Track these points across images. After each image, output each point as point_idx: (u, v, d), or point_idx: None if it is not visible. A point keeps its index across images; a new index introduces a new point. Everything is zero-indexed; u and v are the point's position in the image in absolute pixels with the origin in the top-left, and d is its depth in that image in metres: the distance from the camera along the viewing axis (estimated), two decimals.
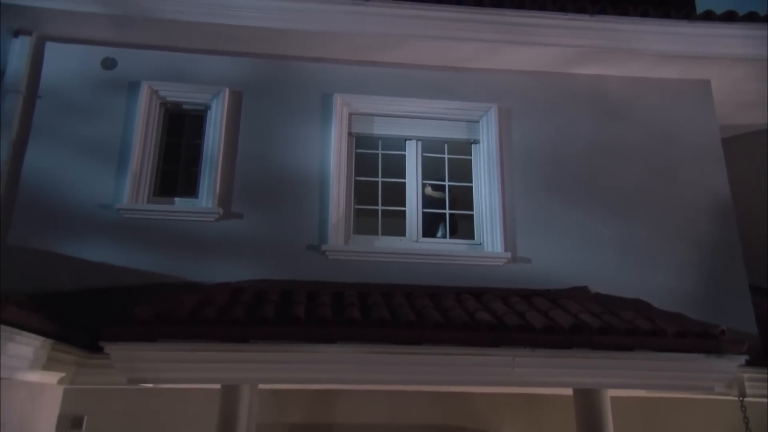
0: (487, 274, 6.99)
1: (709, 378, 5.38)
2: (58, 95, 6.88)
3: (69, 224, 6.46)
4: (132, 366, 4.88)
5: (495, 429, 7.02)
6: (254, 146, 7.17)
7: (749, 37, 7.24)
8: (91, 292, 6.07)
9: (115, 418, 6.47)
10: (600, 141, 7.63)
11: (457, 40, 7.19)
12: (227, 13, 6.81)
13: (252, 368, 5.17)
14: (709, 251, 7.34)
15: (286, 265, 6.74)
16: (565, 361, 5.19)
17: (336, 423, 6.92)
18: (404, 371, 5.30)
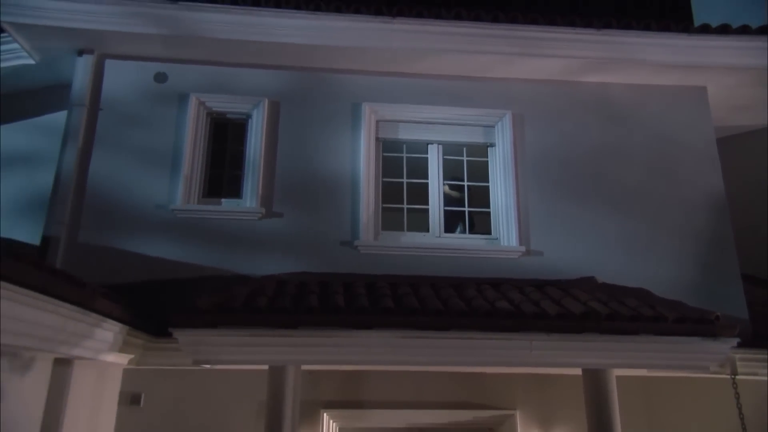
0: (503, 266, 7.24)
1: (704, 359, 5.63)
2: (117, 107, 7.17)
3: (129, 223, 6.76)
4: (197, 349, 5.22)
5: (509, 406, 7.34)
6: (292, 151, 7.41)
7: (742, 48, 7.41)
8: (150, 284, 6.43)
9: (167, 395, 6.84)
10: (605, 144, 7.80)
11: (474, 52, 7.39)
12: (266, 32, 7.06)
13: (299, 351, 5.50)
14: (705, 244, 7.52)
15: (323, 259, 7.01)
16: (576, 344, 5.45)
17: (365, 400, 7.22)
18: (433, 354, 5.60)
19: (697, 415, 7.36)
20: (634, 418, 7.03)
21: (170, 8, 6.75)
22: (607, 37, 7.31)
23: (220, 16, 6.91)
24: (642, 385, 7.26)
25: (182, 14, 6.83)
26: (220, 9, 6.85)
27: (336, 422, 7.26)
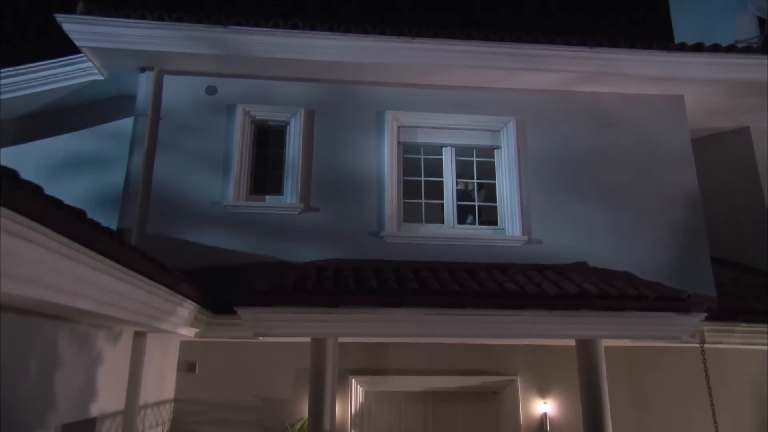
0: (508, 252, 7.72)
1: (678, 330, 6.17)
2: (175, 117, 7.66)
3: (188, 217, 7.28)
4: (255, 324, 5.80)
5: (512, 373, 7.85)
6: (325, 154, 7.87)
7: (713, 63, 7.86)
8: (207, 270, 6.96)
9: (218, 364, 7.43)
10: (596, 146, 8.23)
11: (483, 67, 7.83)
12: (303, 51, 7.53)
13: (338, 326, 6.02)
14: (680, 233, 7.98)
15: (353, 248, 7.52)
16: (572, 319, 5.99)
17: (386, 368, 7.76)
18: (452, 328, 6.13)
19: (672, 379, 7.86)
20: (619, 382, 7.48)
21: (221, 32, 7.24)
22: (599, 54, 7.74)
23: (263, 38, 7.39)
24: (626, 353, 7.72)
25: (231, 37, 7.31)
26: (264, 32, 7.34)
27: (362, 386, 7.78)
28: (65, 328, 4.50)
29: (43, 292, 3.14)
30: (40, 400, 4.27)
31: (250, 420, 7.40)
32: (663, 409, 7.84)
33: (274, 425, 7.31)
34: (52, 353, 4.35)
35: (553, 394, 7.86)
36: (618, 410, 7.21)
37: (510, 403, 7.94)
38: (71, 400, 4.68)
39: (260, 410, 7.45)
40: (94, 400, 5.12)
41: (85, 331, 4.87)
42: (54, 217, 2.83)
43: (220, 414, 7.36)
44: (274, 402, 7.51)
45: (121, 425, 5.76)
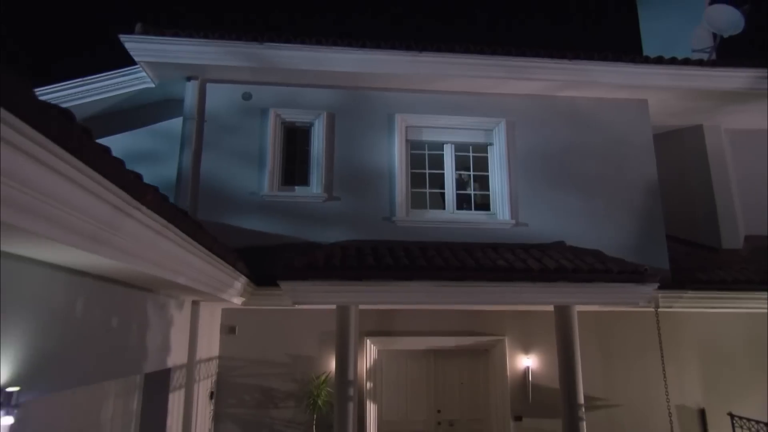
0: (499, 234, 8.24)
1: (636, 297, 6.85)
2: (217, 119, 8.10)
3: (231, 205, 7.80)
4: (293, 294, 6.47)
5: (500, 334, 8.45)
6: (344, 150, 8.30)
7: (672, 73, 8.36)
8: (248, 249, 7.47)
9: (254, 327, 8.10)
10: (572, 143, 8.66)
11: (478, 76, 8.26)
12: (325, 63, 7.97)
13: (361, 296, 6.70)
14: (641, 217, 8.48)
15: (369, 230, 8.04)
16: (551, 289, 6.65)
17: (395, 330, 8.36)
18: (453, 297, 6.80)
19: (633, 337, 8.48)
20: (589, 341, 8.25)
21: (256, 47, 7.74)
22: (576, 65, 8.21)
23: (292, 53, 7.86)
24: (594, 316, 8.37)
25: (265, 51, 7.78)
26: (292, 47, 7.81)
27: (375, 345, 8.42)
28: (150, 298, 5.29)
29: (161, 271, 3.93)
30: (140, 352, 5.09)
31: (282, 374, 8.03)
32: (625, 361, 8.47)
33: (302, 378, 7.97)
34: (144, 317, 5.15)
35: (535, 351, 8.45)
36: (588, 363, 7.81)
37: (499, 358, 8.53)
38: (155, 353, 5.48)
39: (290, 365, 8.08)
40: (169, 354, 5.92)
41: (162, 300, 5.65)
42: (177, 217, 3.62)
43: (256, 369, 8.01)
44: (302, 359, 8.13)
45: (185, 375, 6.56)
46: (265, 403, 7.95)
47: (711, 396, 8.41)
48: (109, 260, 3.06)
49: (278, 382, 8.01)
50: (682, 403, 8.38)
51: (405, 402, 8.62)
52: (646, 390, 8.26)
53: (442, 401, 8.67)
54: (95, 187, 2.52)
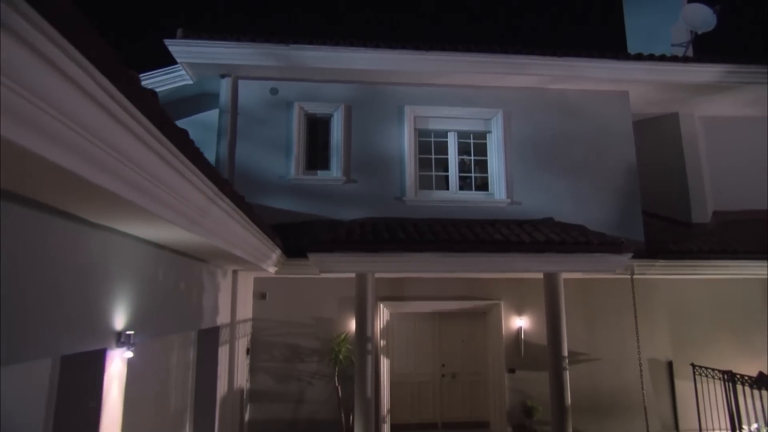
0: (496, 211, 8.72)
1: (614, 266, 7.40)
2: (248, 112, 8.55)
3: (262, 188, 8.31)
4: (321, 264, 7.04)
5: (497, 298, 9.00)
6: (360, 139, 8.73)
7: (650, 69, 8.74)
8: (278, 226, 7.99)
9: (282, 293, 8.68)
10: (562, 131, 9.05)
11: (478, 72, 8.65)
12: (343, 61, 8.38)
13: (377, 265, 7.23)
14: (621, 196, 8.93)
15: (383, 209, 8.53)
16: (540, 258, 7.19)
17: (404, 296, 8.92)
18: (456, 266, 7.34)
19: (612, 301, 9.04)
20: (574, 304, 8.76)
21: (283, 48, 8.19)
22: (566, 61, 8.61)
23: (314, 53, 8.29)
24: (578, 282, 8.93)
25: (290, 52, 8.23)
26: (315, 48, 8.25)
27: (387, 309, 9.02)
28: (202, 267, 6.02)
29: (227, 245, 4.66)
30: (198, 311, 5.85)
31: (306, 333, 8.68)
32: (604, 322, 9.10)
33: (324, 336, 8.61)
34: (200, 283, 5.90)
35: (526, 313, 9.05)
36: (572, 324, 8.50)
37: (495, 320, 9.13)
38: (208, 313, 6.24)
39: (313, 326, 8.71)
40: (218, 314, 6.67)
41: (212, 269, 6.39)
42: (241, 204, 4.33)
43: (284, 329, 8.65)
44: (324, 320, 8.76)
45: (228, 333, 7.32)
46: (293, 358, 8.60)
47: (677, 350, 9.09)
48: (198, 237, 3.79)
49: (303, 340, 8.65)
50: (654, 357, 9.08)
51: (413, 357, 9.27)
52: (622, 346, 8.90)
53: (445, 357, 9.33)
54: (197, 181, 3.23)
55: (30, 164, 1.90)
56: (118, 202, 2.57)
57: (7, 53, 1.46)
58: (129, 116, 2.18)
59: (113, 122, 2.14)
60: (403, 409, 9.05)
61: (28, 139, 1.69)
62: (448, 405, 9.22)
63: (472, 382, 9.31)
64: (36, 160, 1.83)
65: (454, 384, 9.29)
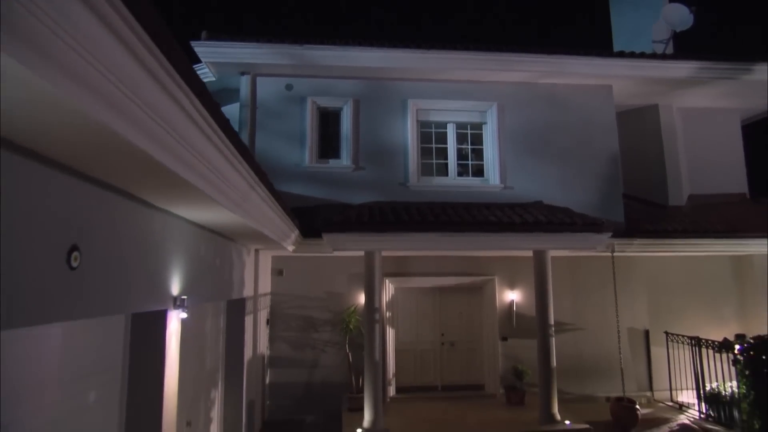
0: (490, 195, 9.17)
1: (595, 243, 7.90)
2: (266, 106, 8.96)
3: (280, 175, 8.59)
4: (333, 243, 7.53)
5: (491, 274, 9.50)
6: (368, 130, 9.12)
7: (631, 65, 9.13)
8: (295, 209, 8.23)
9: (298, 270, 9.18)
10: (552, 122, 9.44)
11: (475, 68, 9.03)
12: (352, 59, 8.77)
13: (383, 244, 7.66)
14: (604, 181, 9.38)
15: (389, 193, 8.97)
16: (530, 237, 7.66)
17: (408, 272, 9.40)
18: (455, 245, 7.80)
19: (594, 276, 9.54)
20: (561, 279, 9.29)
21: (297, 48, 8.59)
22: (555, 58, 9.00)
23: (325, 52, 8.69)
24: (564, 260, 9.45)
25: (304, 51, 8.63)
26: (325, 48, 8.65)
27: (392, 284, 9.52)
28: (231, 246, 6.59)
29: (259, 226, 5.22)
30: (229, 284, 6.44)
31: (319, 306, 9.22)
32: (588, 295, 9.64)
33: (336, 309, 9.14)
34: (230, 260, 6.47)
35: (518, 287, 9.59)
36: (559, 297, 9.06)
37: (490, 293, 9.66)
38: (237, 286, 6.81)
39: (326, 299, 9.24)
40: (243, 287, 7.23)
41: (239, 248, 6.96)
42: (273, 191, 4.88)
43: (300, 302, 9.19)
44: (335, 294, 9.28)
45: (252, 304, 7.89)
46: (308, 328, 9.16)
47: (654, 320, 9.68)
48: (238, 218, 4.36)
49: (317, 312, 9.20)
50: (632, 326, 9.68)
51: (416, 327, 9.82)
52: (603, 316, 9.46)
53: (445, 327, 9.87)
54: (243, 172, 3.79)
55: (140, 162, 2.46)
56: (189, 189, 3.13)
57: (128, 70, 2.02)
58: (205, 122, 2.74)
59: (194, 127, 2.70)
60: (407, 374, 9.63)
61: (151, 148, 2.27)
62: (448, 370, 9.80)
63: (469, 350, 9.87)
64: (152, 164, 2.42)
65: (453, 351, 9.84)
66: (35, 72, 1.48)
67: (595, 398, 9.25)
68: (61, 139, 2.13)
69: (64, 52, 1.58)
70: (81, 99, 1.74)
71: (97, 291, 2.96)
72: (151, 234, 3.78)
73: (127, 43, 1.85)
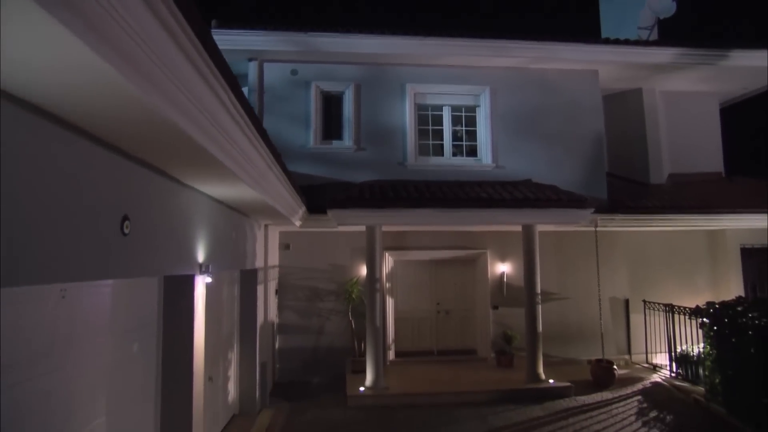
0: (483, 174, 9.50)
1: (579, 218, 8.24)
2: (273, 91, 9.21)
3: (287, 156, 8.30)
4: (337, 218, 7.86)
5: (483, 248, 9.89)
6: (369, 113, 9.40)
7: (616, 51, 9.37)
8: (300, 187, 8.81)
9: (303, 244, 9.56)
10: (541, 105, 9.72)
11: (469, 54, 9.25)
12: (353, 46, 8.98)
13: (383, 219, 8.00)
14: (589, 160, 9.71)
15: (389, 172, 9.29)
16: (519, 212, 7.91)
17: (406, 246, 9.80)
18: (450, 220, 8.10)
19: (579, 249, 9.98)
20: (548, 252, 9.72)
21: (302, 36, 8.82)
22: (544, 44, 9.25)
23: (328, 39, 8.91)
24: (551, 233, 9.85)
25: (309, 38, 8.86)
26: (328, 35, 8.86)
27: (392, 257, 9.94)
28: (245, 221, 6.99)
29: (272, 202, 5.63)
30: (243, 255, 6.87)
31: (324, 277, 9.65)
32: (574, 267, 10.10)
33: (339, 280, 9.58)
34: (244, 233, 6.89)
35: (508, 260, 10.01)
36: (547, 269, 9.49)
37: (482, 266, 10.09)
38: (249, 257, 7.24)
39: (330, 271, 9.67)
40: (255, 259, 7.66)
41: (251, 222, 7.37)
42: (286, 170, 5.27)
43: (305, 274, 9.62)
44: (338, 267, 9.71)
45: (263, 275, 8.34)
46: (313, 297, 9.61)
47: (633, 289, 10.17)
48: (257, 194, 4.77)
49: (322, 283, 9.64)
50: (614, 295, 10.17)
51: (414, 297, 10.27)
52: (587, 286, 9.93)
53: (440, 296, 10.33)
54: (263, 152, 4.19)
55: (185, 145, 2.87)
56: (219, 168, 3.54)
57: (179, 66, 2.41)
58: (236, 110, 3.14)
59: (228, 115, 3.10)
60: (405, 340, 10.14)
61: (196, 134, 2.67)
62: (443, 336, 10.31)
63: (463, 317, 10.36)
64: (196, 146, 2.83)
65: (448, 319, 10.33)
66: (129, 81, 1.89)
67: (578, 361, 9.78)
68: (128, 128, 2.53)
69: (140, 57, 1.98)
70: (153, 101, 2.15)
71: (142, 254, 3.39)
72: (181, 208, 4.19)
73: (185, 51, 2.25)
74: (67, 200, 2.42)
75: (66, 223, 2.41)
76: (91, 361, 3.31)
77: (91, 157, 2.64)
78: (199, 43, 2.27)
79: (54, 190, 2.31)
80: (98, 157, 2.72)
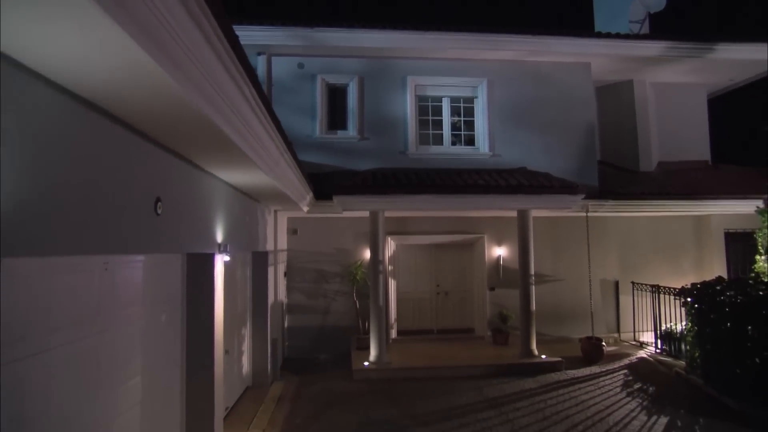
0: (481, 162, 9.74)
1: (570, 204, 8.48)
2: (281, 83, 9.43)
3: (295, 145, 8.59)
4: (343, 204, 8.13)
5: (481, 232, 10.12)
6: (372, 104, 9.61)
7: (607, 44, 9.56)
8: (308, 175, 9.21)
9: (310, 229, 9.81)
10: (536, 96, 9.91)
11: (468, 48, 9.43)
12: (357, 40, 9.14)
13: (386, 205, 8.24)
14: (581, 149, 9.93)
15: (391, 161, 9.54)
16: (514, 198, 8.22)
17: (408, 231, 10.02)
18: (449, 205, 8.35)
19: (571, 234, 10.21)
20: (542, 236, 9.98)
21: (308, 31, 9.01)
22: (539, 38, 9.41)
23: (333, 34, 9.10)
24: (545, 218, 10.09)
25: (314, 34, 9.05)
26: (333, 30, 9.05)
27: (394, 241, 10.19)
28: (257, 205, 7.28)
29: (284, 188, 5.92)
30: (256, 238, 7.17)
31: (329, 261, 9.92)
32: (566, 251, 10.36)
33: (344, 263, 9.87)
34: (256, 218, 7.18)
35: (504, 244, 10.26)
36: (541, 253, 9.80)
37: (479, 249, 10.34)
38: (261, 240, 7.53)
39: (335, 255, 9.94)
40: (267, 242, 7.96)
41: (263, 208, 7.66)
42: (295, 158, 5.55)
43: (312, 257, 9.90)
44: (343, 251, 9.98)
45: (273, 258, 8.65)
46: (320, 279, 9.91)
47: (623, 272, 10.46)
48: (270, 180, 5.06)
49: (328, 266, 9.92)
50: (604, 278, 10.46)
51: (414, 279, 10.56)
52: (579, 269, 10.21)
53: (440, 278, 10.61)
54: (277, 141, 4.47)
55: (210, 133, 3.16)
56: (239, 155, 3.83)
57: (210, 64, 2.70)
58: (255, 103, 3.43)
59: (249, 107, 3.39)
60: (407, 319, 10.47)
61: (225, 126, 2.96)
62: (442, 316, 10.62)
63: (461, 298, 10.65)
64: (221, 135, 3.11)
65: (447, 300, 10.62)
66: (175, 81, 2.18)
67: (570, 339, 10.11)
68: (165, 119, 2.82)
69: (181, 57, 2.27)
70: (192, 98, 2.44)
71: (171, 233, 3.70)
72: (202, 192, 4.49)
73: (218, 54, 2.54)
74: (112, 184, 2.73)
75: (111, 204, 2.72)
76: (128, 328, 3.64)
77: (132, 146, 2.94)
78: (227, 43, 2.55)
79: (105, 175, 2.62)
80: (135, 145, 3.02)
